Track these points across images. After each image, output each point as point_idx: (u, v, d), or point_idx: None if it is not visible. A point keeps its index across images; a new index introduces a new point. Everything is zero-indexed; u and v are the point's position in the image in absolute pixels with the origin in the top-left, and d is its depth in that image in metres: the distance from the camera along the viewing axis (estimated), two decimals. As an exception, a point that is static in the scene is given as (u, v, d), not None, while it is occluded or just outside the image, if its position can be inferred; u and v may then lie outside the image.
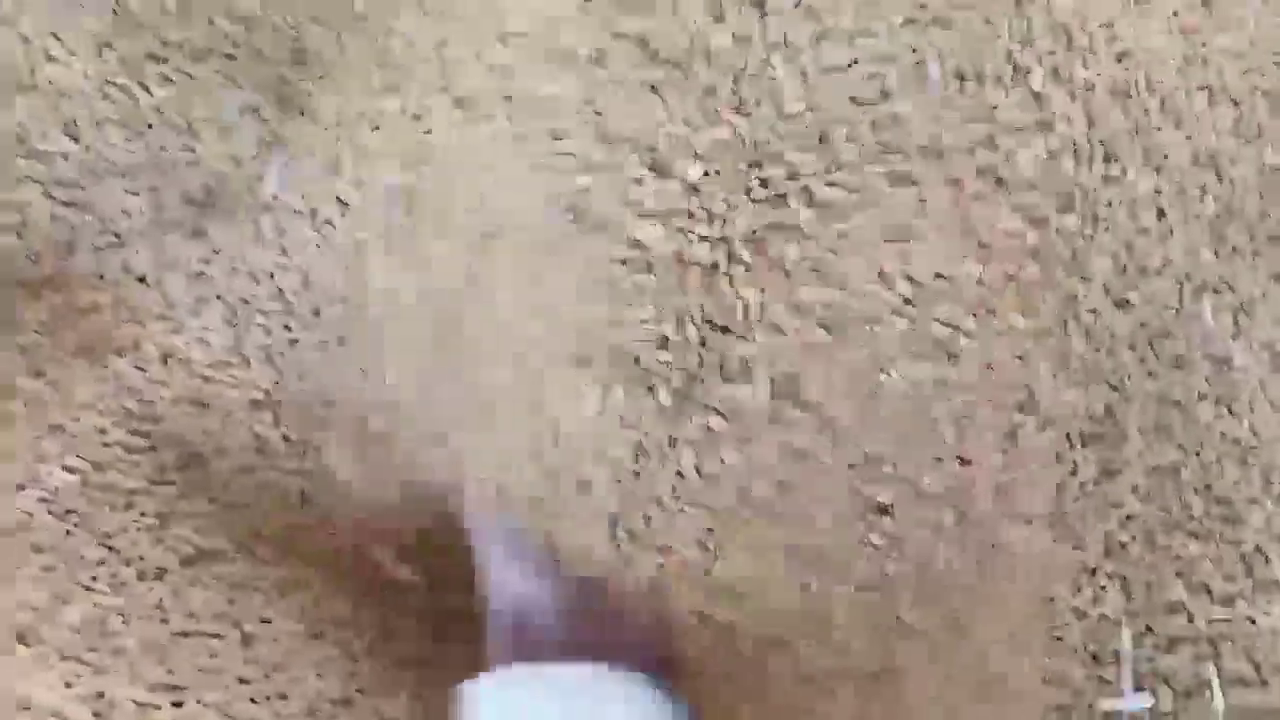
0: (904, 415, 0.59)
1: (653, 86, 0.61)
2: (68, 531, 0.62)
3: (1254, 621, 0.58)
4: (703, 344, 0.59)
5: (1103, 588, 0.59)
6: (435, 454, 0.64)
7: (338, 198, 0.67)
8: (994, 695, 0.58)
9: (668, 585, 0.56)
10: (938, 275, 0.60)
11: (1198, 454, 0.61)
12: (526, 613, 0.58)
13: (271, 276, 0.67)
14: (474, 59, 0.66)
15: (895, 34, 0.61)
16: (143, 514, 0.63)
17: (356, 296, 0.66)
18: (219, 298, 0.67)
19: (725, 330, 0.59)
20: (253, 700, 0.58)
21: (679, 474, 0.58)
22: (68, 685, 0.57)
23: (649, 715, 0.52)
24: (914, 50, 0.61)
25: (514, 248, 0.61)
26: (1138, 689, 0.57)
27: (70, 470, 0.64)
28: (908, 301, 0.60)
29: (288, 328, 0.67)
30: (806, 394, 0.58)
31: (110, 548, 0.62)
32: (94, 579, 0.61)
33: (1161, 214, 0.61)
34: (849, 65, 0.61)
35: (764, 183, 0.60)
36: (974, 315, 0.60)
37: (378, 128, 0.68)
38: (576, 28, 0.64)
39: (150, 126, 0.70)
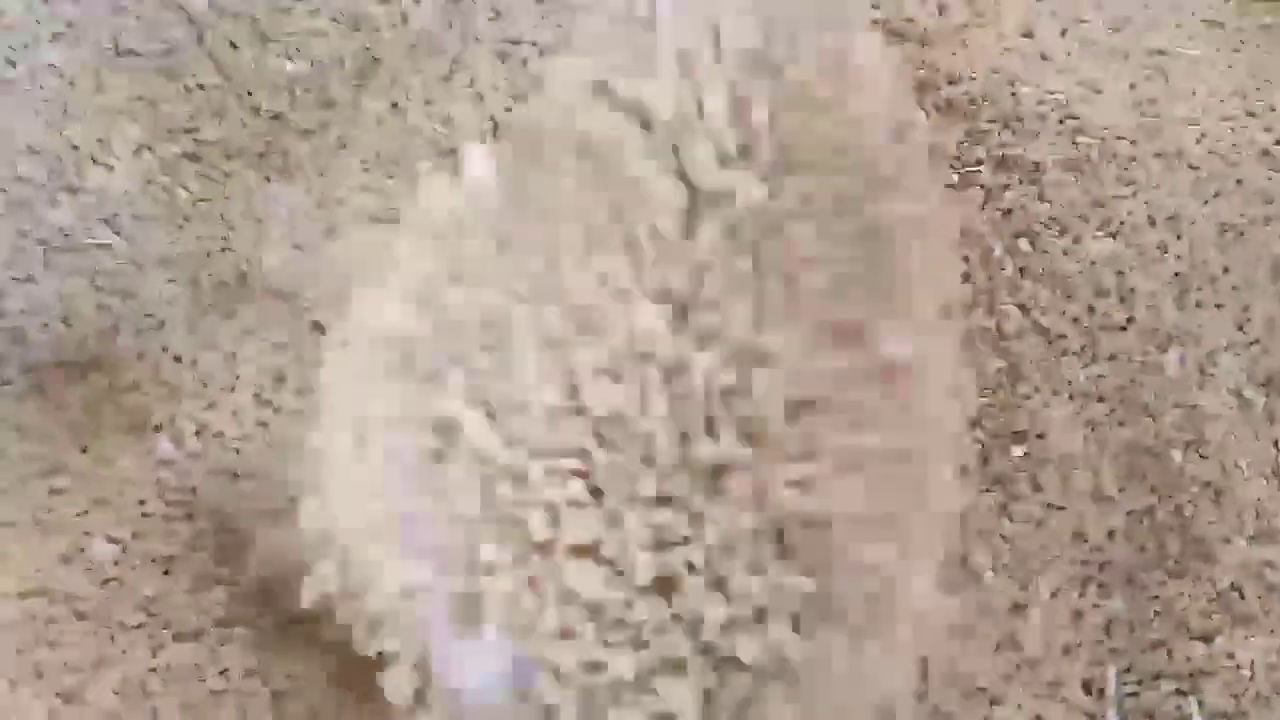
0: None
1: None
2: (110, 598, 0.65)
3: (1232, 655, 0.61)
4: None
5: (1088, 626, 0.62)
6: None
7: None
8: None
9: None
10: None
11: (1171, 496, 0.64)
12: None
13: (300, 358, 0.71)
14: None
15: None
16: (179, 580, 0.67)
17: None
18: (250, 375, 0.72)
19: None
20: (283, 753, 0.61)
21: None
22: (109, 745, 0.60)
23: None
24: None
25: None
26: (1123, 724, 0.60)
27: (113, 540, 0.67)
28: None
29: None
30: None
31: (150, 612, 0.65)
32: (134, 642, 0.64)
33: (1121, 275, 0.66)
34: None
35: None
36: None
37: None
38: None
39: (187, 220, 0.75)
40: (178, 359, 0.73)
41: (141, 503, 0.69)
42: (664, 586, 0.43)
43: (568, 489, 0.43)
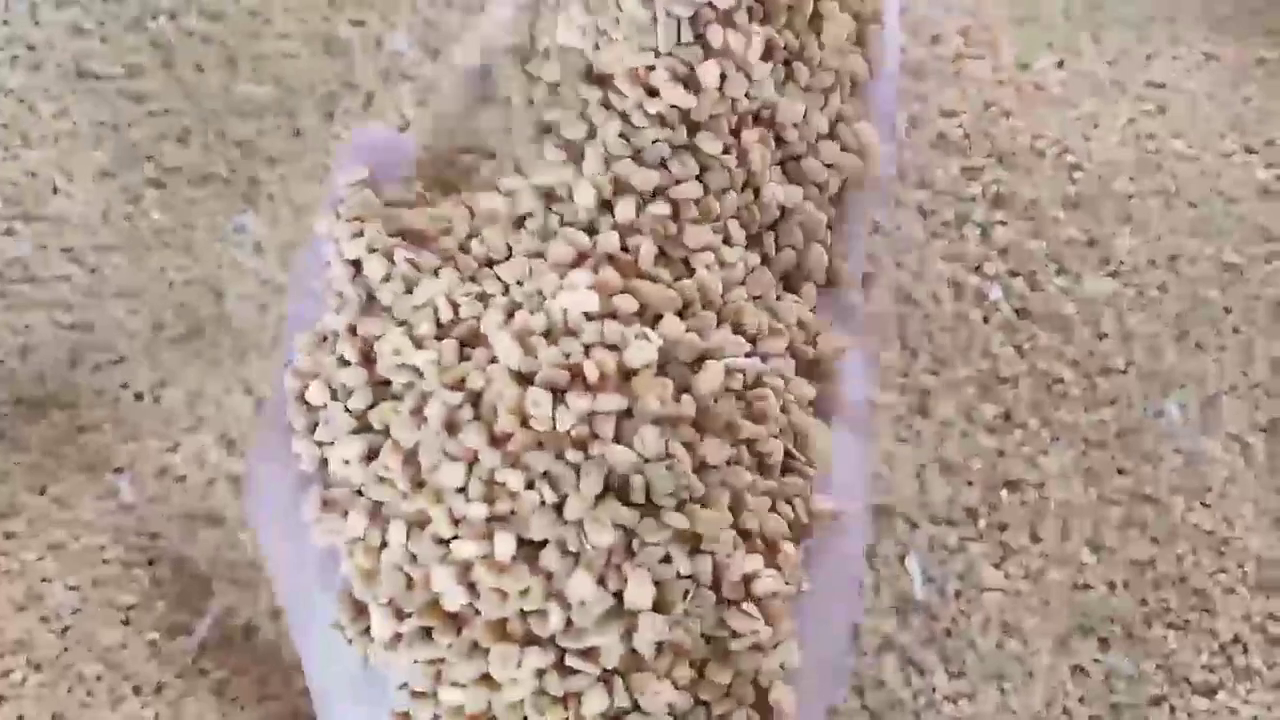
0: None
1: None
2: (66, 649, 0.63)
3: (1235, 711, 0.59)
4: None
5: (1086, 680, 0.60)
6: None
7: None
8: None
9: None
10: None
11: (1172, 547, 0.62)
12: None
13: (266, 396, 0.69)
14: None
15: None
16: (140, 630, 0.64)
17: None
18: (214, 416, 0.69)
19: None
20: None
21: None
22: (65, 804, 0.58)
23: None
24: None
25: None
26: (1124, 785, 0.58)
27: (71, 587, 0.65)
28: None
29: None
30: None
31: (109, 663, 0.63)
32: (91, 695, 0.62)
33: (1121, 317, 0.64)
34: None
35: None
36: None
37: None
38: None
39: (150, 250, 0.72)
40: (139, 396, 0.70)
41: (101, 548, 0.66)
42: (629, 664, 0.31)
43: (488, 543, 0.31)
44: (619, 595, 0.31)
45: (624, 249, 0.34)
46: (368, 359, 0.35)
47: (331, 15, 0.77)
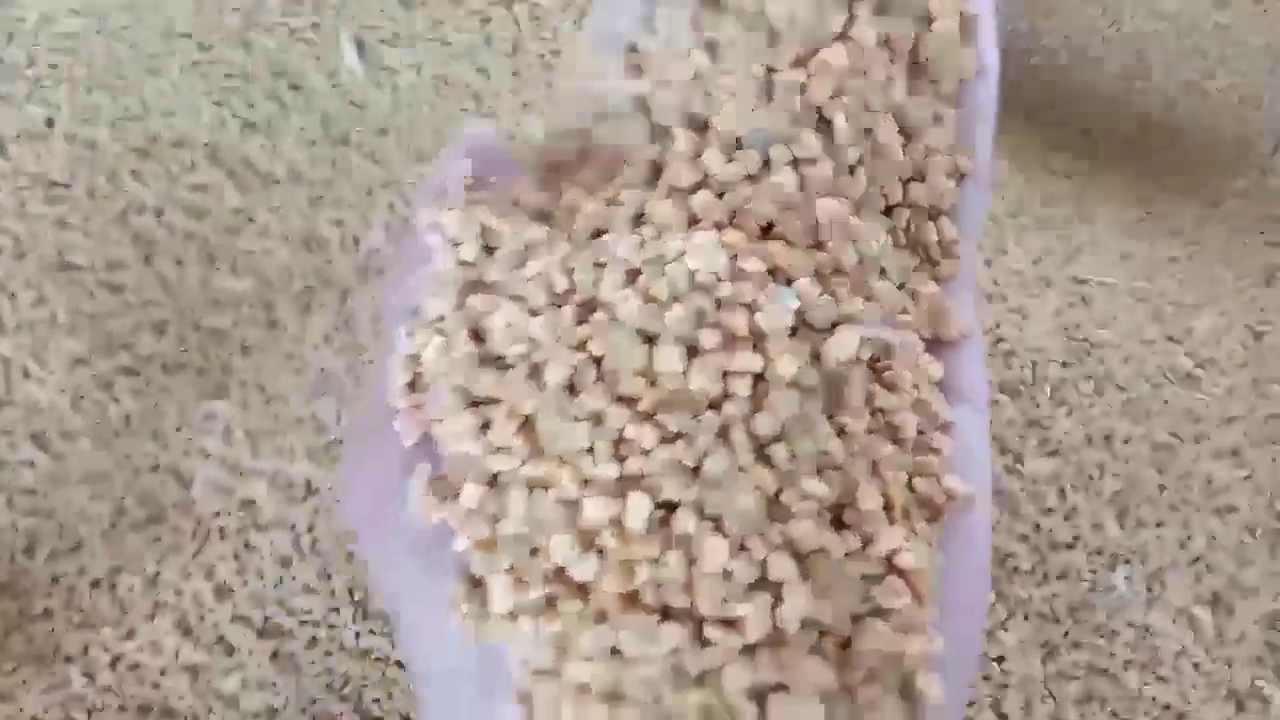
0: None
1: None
2: None
3: None
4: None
5: None
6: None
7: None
8: None
9: None
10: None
11: (1131, 722, 0.62)
12: None
13: (228, 584, 0.68)
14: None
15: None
16: (80, 832, 0.61)
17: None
18: (173, 602, 0.68)
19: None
20: None
21: None
22: None
23: None
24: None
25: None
26: None
27: (8, 788, 0.62)
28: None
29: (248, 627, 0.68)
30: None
31: None
32: None
33: (1063, 494, 0.67)
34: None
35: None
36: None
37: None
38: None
39: (118, 436, 0.73)
40: (95, 583, 0.69)
41: (44, 744, 0.64)
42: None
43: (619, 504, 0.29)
44: (762, 564, 0.28)
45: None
46: (477, 336, 0.32)
47: (311, 214, 0.82)
